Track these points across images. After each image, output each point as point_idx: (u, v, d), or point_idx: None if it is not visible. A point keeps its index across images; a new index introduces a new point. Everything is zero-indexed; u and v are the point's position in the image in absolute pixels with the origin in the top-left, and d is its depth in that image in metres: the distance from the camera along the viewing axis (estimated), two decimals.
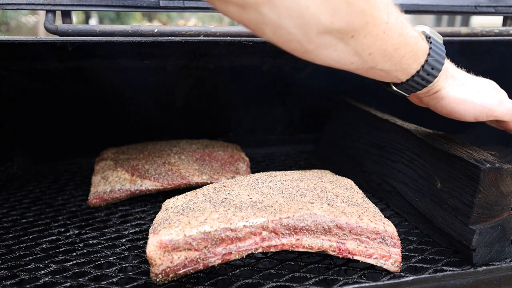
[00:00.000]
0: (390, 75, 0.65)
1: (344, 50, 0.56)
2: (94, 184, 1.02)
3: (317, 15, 0.50)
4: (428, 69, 0.65)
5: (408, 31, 0.60)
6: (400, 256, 0.70)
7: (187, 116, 1.35)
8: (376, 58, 0.59)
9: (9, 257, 0.78)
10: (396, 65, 0.62)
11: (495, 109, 0.70)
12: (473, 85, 0.70)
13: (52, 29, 0.86)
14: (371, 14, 0.53)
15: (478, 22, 3.94)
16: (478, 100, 0.69)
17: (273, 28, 0.51)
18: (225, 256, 0.66)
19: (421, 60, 0.64)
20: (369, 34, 0.55)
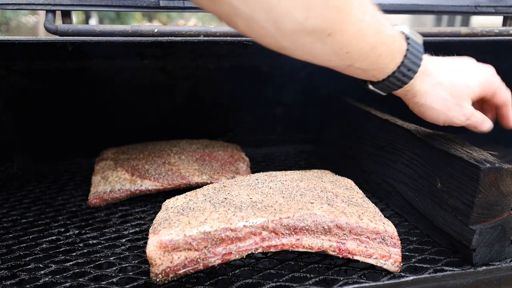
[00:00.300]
0: (368, 74, 0.65)
1: (321, 48, 0.55)
2: (94, 184, 1.02)
3: (290, 9, 0.49)
4: (403, 70, 0.65)
5: (385, 29, 0.60)
6: (400, 256, 0.70)
7: (187, 116, 1.35)
8: (353, 57, 0.59)
9: (9, 257, 0.78)
10: (373, 64, 0.62)
11: (474, 90, 0.71)
12: (449, 80, 0.69)
13: (52, 29, 0.86)
14: (345, 11, 0.53)
15: (478, 22, 3.94)
16: (452, 101, 0.70)
17: (245, 21, 0.51)
18: (225, 256, 0.66)
19: (397, 60, 0.64)
20: (345, 32, 0.55)
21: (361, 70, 0.63)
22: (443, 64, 0.71)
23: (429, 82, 0.68)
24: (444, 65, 0.70)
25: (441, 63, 0.71)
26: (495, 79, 0.73)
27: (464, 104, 0.71)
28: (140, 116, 1.30)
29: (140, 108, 1.29)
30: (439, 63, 0.71)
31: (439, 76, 0.69)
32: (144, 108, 1.29)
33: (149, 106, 1.30)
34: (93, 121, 1.26)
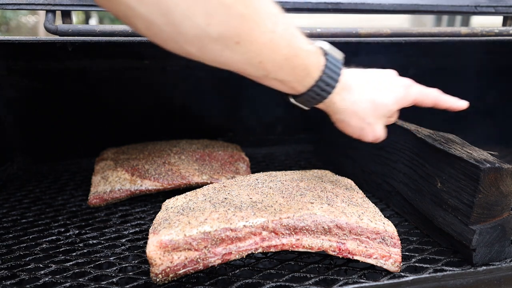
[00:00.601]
0: (286, 86, 0.64)
1: (231, 56, 0.55)
2: (94, 184, 1.02)
3: (189, 14, 0.48)
4: (321, 85, 0.65)
5: (299, 43, 0.60)
6: (400, 256, 0.70)
7: (187, 116, 1.35)
8: (267, 67, 0.58)
9: (9, 257, 0.78)
10: (289, 76, 0.62)
11: (391, 109, 0.72)
12: (367, 99, 0.70)
13: (52, 29, 0.86)
14: (253, 20, 0.52)
15: (478, 22, 3.94)
16: (367, 121, 0.71)
17: (144, 24, 0.49)
18: (225, 256, 0.66)
19: (314, 75, 0.64)
20: (255, 41, 0.54)
21: (279, 81, 0.63)
22: (363, 80, 0.71)
23: (349, 99, 0.69)
24: (364, 81, 0.70)
25: (361, 79, 0.71)
26: (410, 92, 0.73)
27: (377, 125, 0.72)
28: (140, 116, 1.30)
29: (140, 108, 1.29)
30: (359, 79, 0.71)
31: (358, 93, 0.69)
32: (144, 108, 1.29)
33: (149, 106, 1.30)
34: (93, 121, 1.26)
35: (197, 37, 0.51)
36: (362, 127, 0.72)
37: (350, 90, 0.69)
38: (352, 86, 0.69)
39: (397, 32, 0.99)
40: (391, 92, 0.71)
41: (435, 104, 0.76)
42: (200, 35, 0.50)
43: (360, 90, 0.69)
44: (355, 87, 0.69)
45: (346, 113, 0.70)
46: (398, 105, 0.72)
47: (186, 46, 0.52)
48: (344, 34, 0.96)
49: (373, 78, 0.71)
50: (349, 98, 0.69)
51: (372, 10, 1.01)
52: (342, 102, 0.69)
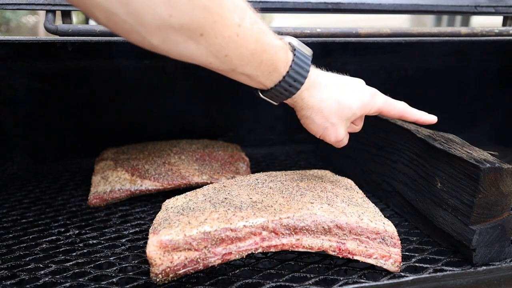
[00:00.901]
0: (254, 81, 0.64)
1: (196, 49, 0.54)
2: (94, 184, 1.02)
3: (150, 4, 0.47)
4: (289, 80, 0.65)
5: (267, 38, 0.59)
6: (400, 256, 0.70)
7: (187, 116, 1.35)
8: (233, 61, 0.58)
9: (9, 257, 0.78)
10: (256, 71, 0.62)
11: (355, 113, 0.72)
12: (335, 98, 0.70)
13: (52, 29, 0.86)
14: (217, 13, 0.52)
15: (478, 22, 3.94)
16: (331, 121, 0.72)
17: (104, 13, 0.48)
18: (225, 256, 0.66)
19: (282, 70, 0.64)
20: (220, 34, 0.53)
21: (246, 76, 0.63)
22: (332, 80, 0.71)
23: (317, 96, 0.69)
24: (333, 82, 0.71)
25: (330, 78, 0.71)
26: (376, 100, 0.74)
27: (340, 127, 0.73)
28: (140, 116, 1.30)
29: (140, 108, 1.29)
30: (329, 78, 0.71)
31: (327, 92, 0.70)
32: (144, 108, 1.29)
33: (149, 106, 1.30)
34: (93, 121, 1.26)
35: (159, 29, 0.50)
36: (325, 126, 0.72)
37: (320, 87, 0.69)
38: (322, 84, 0.70)
39: (397, 32, 0.99)
40: (357, 97, 0.72)
41: (401, 116, 0.77)
42: (162, 26, 0.50)
43: (329, 89, 0.70)
44: (324, 86, 0.70)
45: (312, 110, 0.70)
46: (362, 111, 0.73)
47: (149, 38, 0.51)
48: (344, 34, 0.96)
49: (342, 82, 0.72)
50: (317, 95, 0.69)
51: (372, 10, 1.01)
52: (310, 98, 0.69)
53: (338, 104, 0.70)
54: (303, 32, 0.93)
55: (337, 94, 0.70)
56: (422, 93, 1.43)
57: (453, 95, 1.42)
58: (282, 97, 0.68)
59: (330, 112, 0.71)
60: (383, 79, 1.40)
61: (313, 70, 0.68)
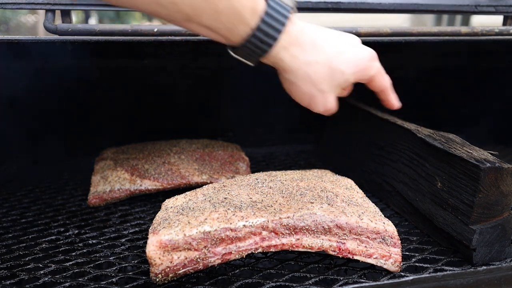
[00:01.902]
0: (218, 34, 0.56)
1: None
2: (94, 184, 1.02)
3: None
4: (260, 35, 0.55)
5: None
6: (400, 256, 0.70)
7: (187, 116, 1.35)
8: (183, 9, 0.50)
9: (9, 257, 0.78)
10: (216, 22, 0.53)
11: (347, 79, 0.62)
12: (324, 62, 0.60)
13: (51, 29, 0.86)
14: None
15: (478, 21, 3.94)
16: (320, 87, 0.61)
17: None
18: (225, 256, 0.66)
19: (250, 22, 0.54)
20: None
21: (207, 29, 0.54)
22: (321, 38, 0.60)
23: (302, 58, 0.58)
24: (322, 40, 0.60)
25: (320, 35, 0.60)
26: (373, 65, 0.65)
27: (330, 95, 0.64)
28: (140, 116, 1.29)
29: (140, 108, 1.28)
30: (317, 35, 0.60)
31: (314, 53, 0.59)
32: (144, 108, 1.29)
33: (149, 106, 1.30)
34: (93, 121, 1.26)
35: None
36: (313, 94, 0.63)
37: (304, 47, 0.59)
38: (307, 42, 0.59)
39: (397, 31, 0.99)
40: (352, 61, 0.62)
41: (382, 91, 0.69)
42: None
43: (317, 50, 0.59)
44: (311, 45, 0.59)
45: (297, 74, 0.60)
46: (356, 77, 0.64)
47: None
48: None
49: (334, 39, 0.61)
50: (302, 57, 0.59)
51: (372, 10, 1.01)
52: (293, 60, 0.59)
53: (329, 68, 0.60)
54: None
55: (328, 57, 0.60)
56: (422, 93, 1.43)
57: (453, 95, 1.42)
58: (254, 56, 0.58)
59: (319, 78, 0.60)
60: None
61: (296, 24, 0.58)
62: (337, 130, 1.26)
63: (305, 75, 0.60)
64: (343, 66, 0.61)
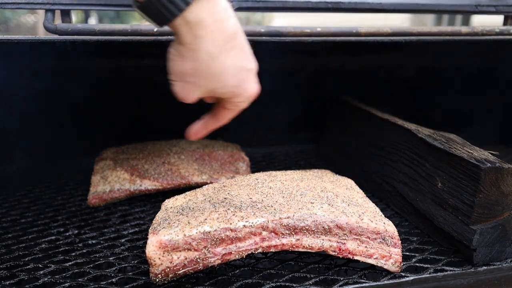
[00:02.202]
0: None
1: None
2: (94, 184, 1.01)
3: None
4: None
5: None
6: (400, 256, 0.70)
7: (187, 116, 1.35)
8: None
9: (8, 257, 0.78)
10: None
11: (222, 92, 0.60)
12: (227, 55, 0.56)
13: (51, 29, 0.86)
14: None
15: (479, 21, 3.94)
16: (191, 78, 0.58)
17: None
18: (225, 256, 0.66)
19: None
20: None
21: None
22: (240, 39, 0.56)
23: (209, 43, 0.53)
24: (238, 41, 0.57)
25: (239, 36, 0.56)
26: (247, 101, 0.64)
27: (196, 91, 0.62)
28: (140, 116, 1.29)
29: (140, 108, 1.28)
30: (238, 35, 0.56)
31: (225, 45, 0.55)
32: (144, 108, 1.29)
33: (149, 106, 1.29)
34: (93, 121, 1.26)
35: None
36: (188, 80, 0.60)
37: (219, 32, 0.54)
38: (223, 28, 0.54)
39: (397, 31, 0.99)
40: (241, 79, 0.60)
41: (219, 121, 0.68)
42: None
43: (227, 44, 0.55)
44: (225, 35, 0.55)
45: (193, 54, 0.55)
46: (229, 94, 0.61)
47: None
48: (344, 34, 0.96)
49: (246, 53, 0.59)
50: (209, 42, 0.54)
51: (372, 9, 1.01)
52: (196, 40, 0.54)
53: (219, 67, 0.57)
54: (303, 31, 0.92)
55: (232, 59, 0.57)
56: (422, 93, 1.43)
57: (453, 95, 1.42)
58: (161, 16, 0.52)
59: (206, 70, 0.57)
60: (383, 79, 1.40)
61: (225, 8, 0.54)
62: (337, 130, 1.25)
63: (199, 58, 0.55)
64: (231, 77, 0.59)
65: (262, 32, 0.87)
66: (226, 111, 0.66)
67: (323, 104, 1.35)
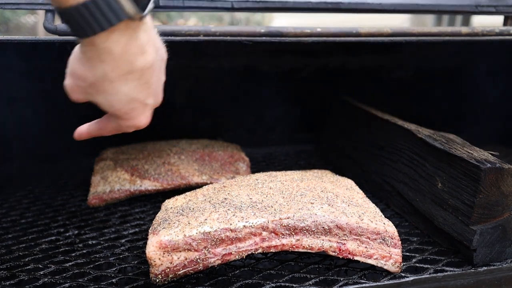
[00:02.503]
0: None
1: None
2: (94, 184, 1.01)
3: None
4: (93, 9, 0.47)
5: None
6: (400, 257, 0.70)
7: (187, 116, 1.35)
8: None
9: (9, 258, 0.78)
10: None
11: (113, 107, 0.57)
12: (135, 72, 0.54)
13: (51, 29, 0.86)
14: None
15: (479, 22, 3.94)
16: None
17: None
18: (225, 257, 0.66)
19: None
20: None
21: None
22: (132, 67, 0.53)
23: (117, 68, 0.52)
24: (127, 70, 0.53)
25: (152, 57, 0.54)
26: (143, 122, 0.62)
27: (80, 96, 0.61)
28: None
29: None
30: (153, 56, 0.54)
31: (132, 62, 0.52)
32: None
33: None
34: (93, 121, 1.26)
35: None
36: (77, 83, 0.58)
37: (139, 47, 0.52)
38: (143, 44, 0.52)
39: (398, 31, 0.99)
40: (123, 100, 0.57)
41: (107, 131, 0.66)
42: None
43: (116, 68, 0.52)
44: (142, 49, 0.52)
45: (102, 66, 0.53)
46: (119, 112, 0.59)
47: None
48: (344, 34, 0.95)
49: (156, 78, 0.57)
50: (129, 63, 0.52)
51: (372, 10, 1.01)
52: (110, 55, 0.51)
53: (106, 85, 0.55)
54: (303, 31, 0.92)
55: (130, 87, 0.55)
56: (422, 93, 1.43)
57: (453, 95, 1.42)
58: (81, 30, 0.49)
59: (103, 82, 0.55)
60: (383, 79, 1.40)
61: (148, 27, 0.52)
62: (337, 130, 1.25)
63: (95, 74, 0.54)
64: (120, 103, 0.57)
65: (262, 33, 0.87)
66: (110, 126, 0.64)
67: (323, 104, 1.35)
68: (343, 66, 1.35)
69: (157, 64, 0.58)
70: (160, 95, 0.64)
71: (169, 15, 9.92)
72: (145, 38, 0.53)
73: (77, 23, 0.48)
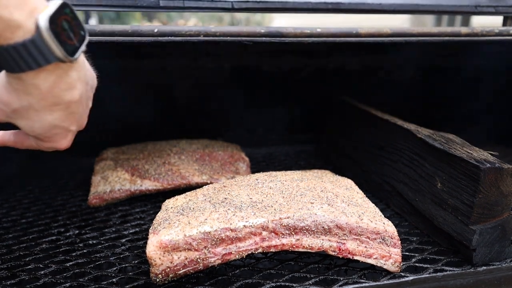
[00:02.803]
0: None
1: None
2: (94, 184, 1.02)
3: None
4: (22, 51, 0.47)
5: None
6: (400, 256, 0.70)
7: (187, 116, 1.35)
8: None
9: (9, 257, 0.78)
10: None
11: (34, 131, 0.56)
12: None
13: None
14: None
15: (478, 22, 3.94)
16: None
17: None
18: (225, 256, 0.66)
19: (29, 27, 0.47)
20: None
21: None
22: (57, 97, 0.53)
23: (43, 100, 0.52)
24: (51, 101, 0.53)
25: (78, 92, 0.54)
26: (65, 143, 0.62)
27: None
28: (140, 116, 1.29)
29: (140, 108, 1.28)
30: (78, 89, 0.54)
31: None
32: (144, 108, 1.29)
33: (149, 106, 1.30)
34: (93, 121, 1.26)
35: None
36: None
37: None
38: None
39: (397, 32, 0.99)
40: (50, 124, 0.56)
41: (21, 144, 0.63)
42: None
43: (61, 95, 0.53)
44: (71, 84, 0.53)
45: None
46: (44, 134, 0.58)
47: None
48: (344, 34, 0.96)
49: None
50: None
51: (372, 10, 1.01)
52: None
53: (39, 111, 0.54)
54: (303, 32, 0.93)
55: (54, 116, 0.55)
56: (422, 93, 1.43)
57: (453, 95, 1.42)
58: (13, 65, 0.48)
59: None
60: (383, 79, 1.40)
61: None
62: (337, 130, 1.26)
63: (21, 103, 0.53)
64: (42, 129, 0.56)
65: (262, 33, 0.87)
66: (28, 143, 0.62)
67: (323, 104, 1.35)
68: (343, 66, 1.36)
69: (85, 95, 0.59)
70: (85, 121, 0.65)
71: (169, 15, 9.92)
72: (75, 76, 0.55)
73: (5, 60, 0.49)
